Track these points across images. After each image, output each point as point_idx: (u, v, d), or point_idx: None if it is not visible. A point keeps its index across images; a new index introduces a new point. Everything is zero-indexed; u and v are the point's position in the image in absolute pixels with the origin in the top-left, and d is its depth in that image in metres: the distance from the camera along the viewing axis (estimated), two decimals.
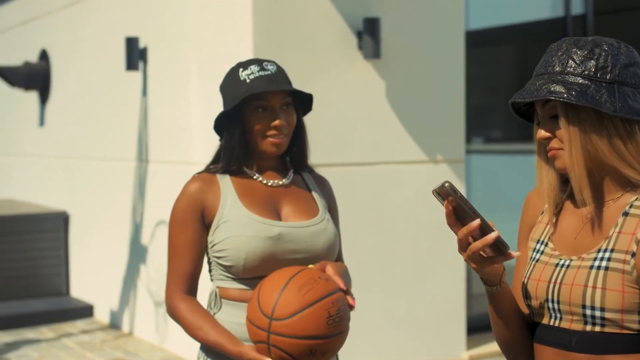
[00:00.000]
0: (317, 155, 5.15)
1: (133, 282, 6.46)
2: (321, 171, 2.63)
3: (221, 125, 2.30)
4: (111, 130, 6.82)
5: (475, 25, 5.83)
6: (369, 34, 4.98)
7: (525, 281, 1.73)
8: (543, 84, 1.61)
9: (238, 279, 2.22)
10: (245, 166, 2.31)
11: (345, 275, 2.21)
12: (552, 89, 1.59)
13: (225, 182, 2.28)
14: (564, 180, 1.74)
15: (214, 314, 2.25)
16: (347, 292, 2.10)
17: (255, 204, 2.25)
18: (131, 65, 6.00)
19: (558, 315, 1.67)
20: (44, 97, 8.19)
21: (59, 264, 7.52)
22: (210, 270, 2.30)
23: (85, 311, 7.12)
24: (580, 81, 1.59)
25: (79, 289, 7.43)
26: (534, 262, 1.74)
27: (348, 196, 5.05)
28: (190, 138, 5.50)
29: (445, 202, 1.57)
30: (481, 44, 6.45)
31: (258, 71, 2.22)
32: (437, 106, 5.35)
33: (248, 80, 2.21)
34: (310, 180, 2.41)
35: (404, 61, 5.23)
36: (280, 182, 2.32)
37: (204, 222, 2.25)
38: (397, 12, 5.20)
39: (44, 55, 8.14)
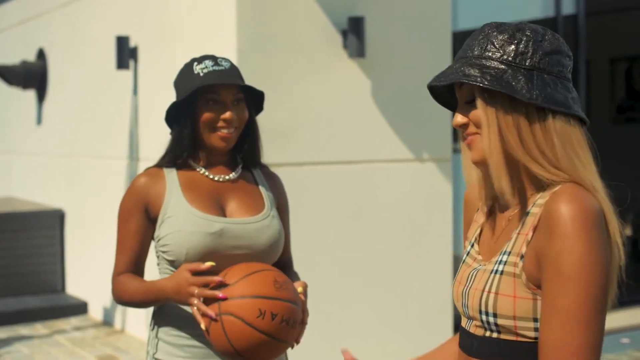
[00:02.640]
0: (302, 154, 5.21)
1: None
2: (307, 170, 2.64)
3: (172, 119, 2.34)
4: (105, 129, 6.87)
5: (464, 26, 5.84)
6: (353, 32, 4.99)
7: (453, 283, 1.69)
8: (459, 67, 1.54)
9: None
10: (192, 160, 2.33)
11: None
12: (468, 72, 1.51)
13: (172, 177, 2.30)
14: None
15: (161, 305, 2.28)
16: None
17: (199, 199, 2.26)
18: (122, 64, 6.04)
19: (468, 319, 1.62)
20: (41, 96, 8.25)
21: (54, 261, 7.58)
22: (158, 264, 2.33)
23: (79, 308, 7.17)
24: (497, 66, 1.51)
25: (74, 286, 7.48)
26: (461, 264, 1.69)
27: (333, 195, 5.08)
28: None
29: None
30: None
31: (212, 66, 2.25)
32: (423, 105, 5.35)
33: (201, 74, 2.24)
34: (260, 176, 2.42)
35: (389, 60, 5.24)
36: (227, 177, 2.33)
37: (149, 217, 2.27)
38: (383, 11, 5.22)
39: (41, 54, 8.20)
